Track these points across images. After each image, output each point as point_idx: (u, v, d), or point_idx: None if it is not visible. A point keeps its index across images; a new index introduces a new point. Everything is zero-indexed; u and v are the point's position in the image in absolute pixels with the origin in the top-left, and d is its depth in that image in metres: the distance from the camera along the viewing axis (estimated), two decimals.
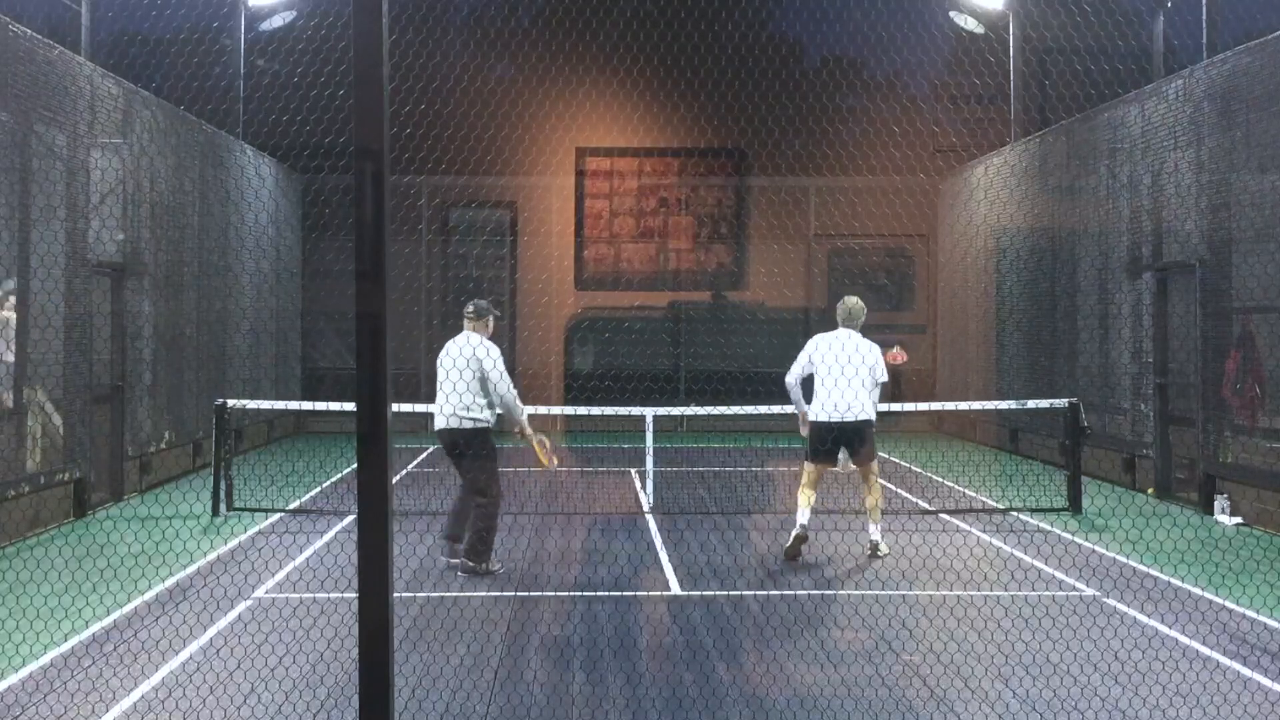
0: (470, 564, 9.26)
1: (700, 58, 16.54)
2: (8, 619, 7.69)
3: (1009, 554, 10.26)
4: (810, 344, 10.09)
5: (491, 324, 9.67)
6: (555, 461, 10.09)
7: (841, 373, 9.82)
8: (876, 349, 10.16)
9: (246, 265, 17.93)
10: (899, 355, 17.57)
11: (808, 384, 10.27)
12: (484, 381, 9.25)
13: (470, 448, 9.24)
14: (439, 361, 9.52)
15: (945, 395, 20.85)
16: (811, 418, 9.94)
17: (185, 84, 17.16)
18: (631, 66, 16.72)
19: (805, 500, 9.86)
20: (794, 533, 9.76)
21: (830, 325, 10.36)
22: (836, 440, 9.90)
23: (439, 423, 9.36)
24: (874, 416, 10.06)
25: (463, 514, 9.52)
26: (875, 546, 10.02)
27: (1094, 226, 15.35)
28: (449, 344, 9.59)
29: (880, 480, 15.10)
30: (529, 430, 9.64)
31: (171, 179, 14.82)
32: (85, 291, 12.05)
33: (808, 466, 9.98)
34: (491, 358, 9.28)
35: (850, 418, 9.84)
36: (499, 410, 9.37)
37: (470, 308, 9.69)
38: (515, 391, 9.41)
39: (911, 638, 7.47)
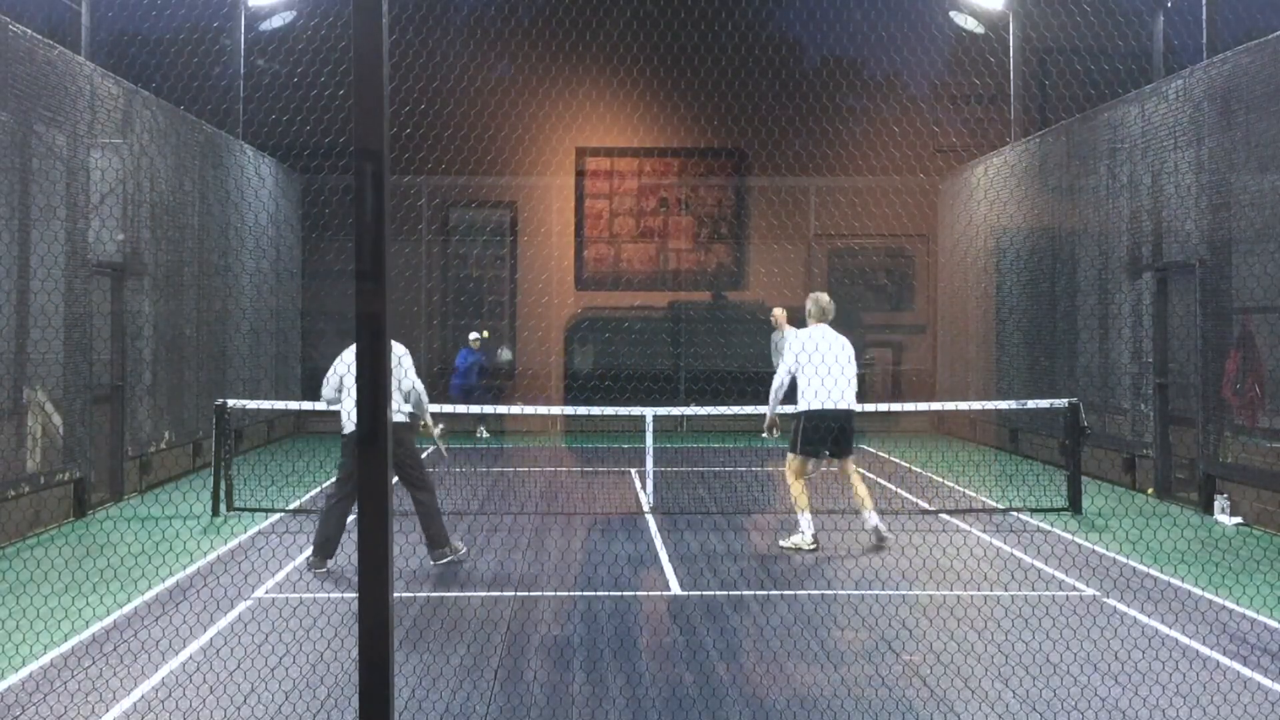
0: (441, 552, 9.56)
1: (700, 58, 16.54)
2: (8, 619, 7.69)
3: (1009, 554, 10.26)
4: (796, 343, 10.40)
5: None
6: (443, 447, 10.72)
7: (835, 364, 10.24)
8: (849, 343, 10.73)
9: (246, 265, 17.93)
10: None
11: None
12: (398, 381, 9.65)
13: (398, 444, 9.47)
14: (337, 367, 9.82)
15: (945, 395, 20.86)
16: (806, 408, 10.25)
17: (185, 84, 17.15)
18: (631, 66, 16.72)
19: (806, 500, 10.31)
20: (808, 543, 10.21)
21: (830, 322, 10.59)
22: (829, 430, 10.27)
23: (348, 427, 9.55)
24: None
25: (340, 528, 9.53)
26: (878, 533, 10.34)
27: (1094, 226, 15.34)
28: (345, 352, 9.83)
29: (880, 480, 15.18)
30: (433, 426, 10.30)
31: (171, 179, 14.81)
32: (85, 291, 12.05)
33: (798, 461, 10.37)
34: (404, 365, 9.77)
35: (844, 406, 10.30)
36: (411, 407, 9.84)
37: None
38: (413, 391, 9.85)
39: (911, 638, 7.47)
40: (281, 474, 14.31)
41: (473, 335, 20.51)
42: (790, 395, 10.63)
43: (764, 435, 10.72)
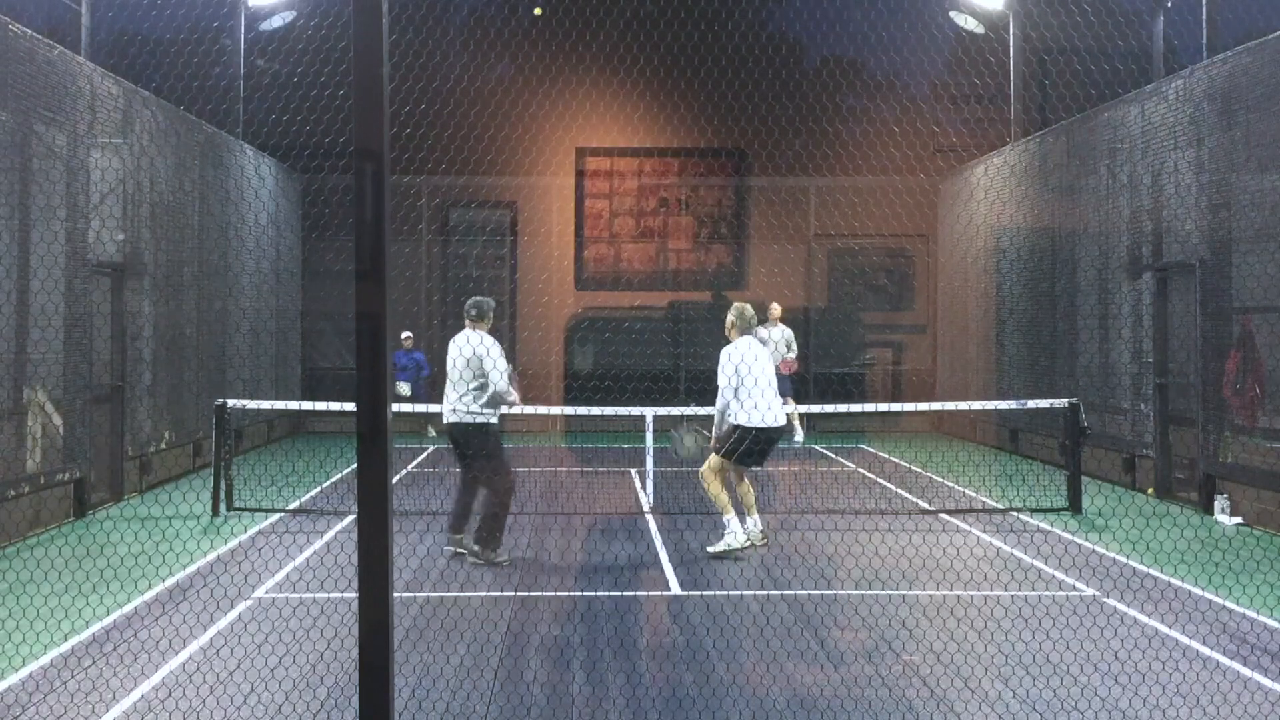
0: (476, 549, 9.61)
1: (700, 58, 16.54)
2: (8, 619, 7.69)
3: (1009, 554, 10.26)
4: (736, 355, 9.95)
5: (490, 320, 10.01)
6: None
7: (770, 379, 9.99)
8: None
9: (246, 265, 17.93)
10: (792, 365, 17.81)
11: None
12: (485, 378, 9.62)
13: (475, 443, 9.67)
14: (448, 357, 9.94)
15: (945, 395, 20.86)
16: (748, 423, 9.82)
17: (185, 84, 17.15)
18: (631, 66, 16.73)
19: (728, 498, 10.09)
20: (741, 542, 9.98)
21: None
22: (769, 445, 10.08)
23: (446, 417, 9.80)
24: None
25: (466, 507, 9.94)
26: (765, 535, 10.22)
27: (1094, 226, 15.35)
28: (452, 340, 9.97)
29: (880, 480, 15.18)
30: (514, 399, 9.95)
31: (171, 179, 14.82)
32: (85, 291, 12.05)
33: (728, 464, 10.00)
34: (492, 356, 9.67)
35: (781, 423, 10.07)
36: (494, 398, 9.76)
37: (473, 309, 10.00)
38: (500, 389, 9.68)
39: (911, 638, 7.47)
40: (281, 474, 14.31)
41: (405, 334, 20.10)
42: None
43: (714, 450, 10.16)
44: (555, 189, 22.45)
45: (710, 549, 10.10)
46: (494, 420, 9.75)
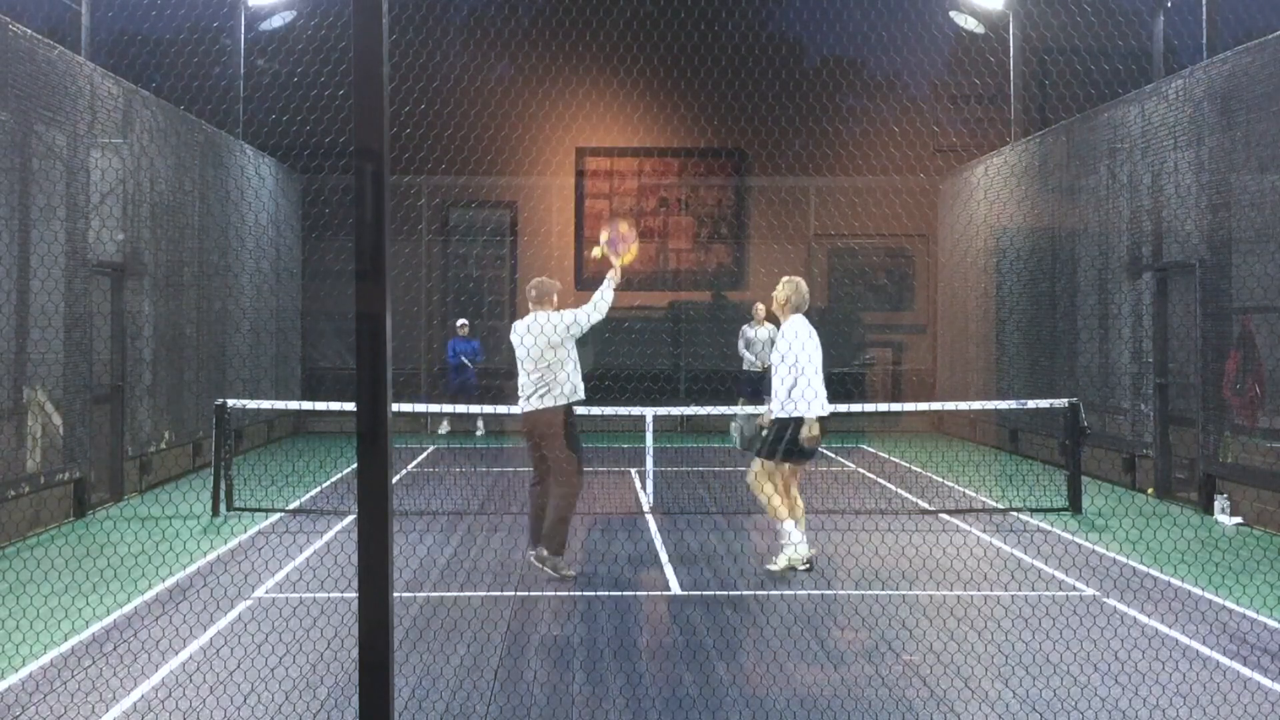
0: (544, 553, 9.06)
1: (700, 58, 16.54)
2: (8, 619, 7.69)
3: (1009, 554, 10.26)
4: (804, 334, 9.25)
5: (555, 300, 9.51)
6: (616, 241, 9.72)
7: (818, 368, 9.28)
8: None
9: (246, 265, 17.93)
10: None
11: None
12: (562, 355, 9.10)
13: (553, 428, 9.05)
14: (515, 343, 9.30)
15: (945, 395, 20.86)
16: (793, 413, 9.12)
17: (185, 84, 17.16)
18: (631, 66, 16.72)
19: (787, 506, 9.28)
20: (804, 560, 9.27)
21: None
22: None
23: (522, 406, 9.20)
24: None
25: (542, 510, 9.24)
26: (812, 560, 9.36)
27: (1094, 226, 15.35)
28: (516, 325, 9.39)
29: (880, 480, 15.16)
30: (612, 281, 9.55)
31: (171, 179, 14.81)
32: (85, 291, 12.05)
33: (777, 465, 9.23)
34: (566, 321, 9.17)
35: (823, 413, 9.23)
36: (599, 313, 9.38)
37: (533, 290, 9.50)
38: (595, 305, 9.40)
39: (911, 638, 7.47)
40: (281, 474, 14.31)
41: (460, 321, 20.78)
42: (756, 393, 9.96)
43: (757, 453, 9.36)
44: (555, 189, 22.45)
45: (770, 566, 9.32)
46: (572, 401, 9.12)
